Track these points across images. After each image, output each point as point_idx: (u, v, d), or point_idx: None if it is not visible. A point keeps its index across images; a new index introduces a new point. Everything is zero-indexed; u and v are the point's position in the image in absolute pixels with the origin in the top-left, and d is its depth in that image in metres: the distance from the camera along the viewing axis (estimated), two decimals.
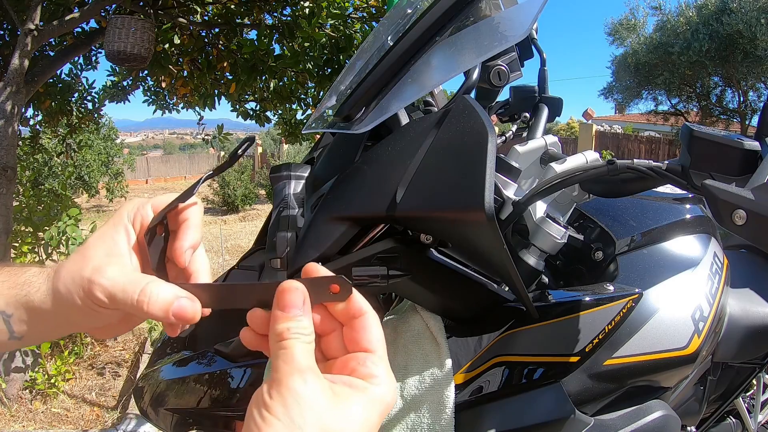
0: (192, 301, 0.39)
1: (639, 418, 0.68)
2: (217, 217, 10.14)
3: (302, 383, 0.33)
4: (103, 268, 0.39)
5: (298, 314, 0.35)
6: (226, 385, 0.69)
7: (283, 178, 0.65)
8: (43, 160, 8.63)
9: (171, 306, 0.38)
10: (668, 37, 8.44)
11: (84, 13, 2.50)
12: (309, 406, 0.32)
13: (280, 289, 0.36)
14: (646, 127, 14.03)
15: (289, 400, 0.32)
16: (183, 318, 0.38)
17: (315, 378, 0.33)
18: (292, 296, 0.35)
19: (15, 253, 2.77)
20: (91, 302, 0.38)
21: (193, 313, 0.39)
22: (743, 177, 0.56)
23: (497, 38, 0.66)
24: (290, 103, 3.34)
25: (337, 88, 0.79)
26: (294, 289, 0.36)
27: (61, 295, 0.39)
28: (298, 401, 0.32)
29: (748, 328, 0.97)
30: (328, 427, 0.32)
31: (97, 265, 0.39)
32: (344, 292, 0.37)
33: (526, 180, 0.79)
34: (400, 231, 0.60)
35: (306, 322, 0.35)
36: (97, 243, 0.41)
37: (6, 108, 2.29)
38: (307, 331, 0.35)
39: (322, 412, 0.32)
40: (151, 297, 0.38)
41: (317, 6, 2.55)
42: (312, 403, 0.32)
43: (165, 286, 0.39)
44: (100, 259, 0.39)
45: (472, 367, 0.63)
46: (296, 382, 0.33)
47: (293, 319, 0.35)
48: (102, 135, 11.45)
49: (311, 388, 0.33)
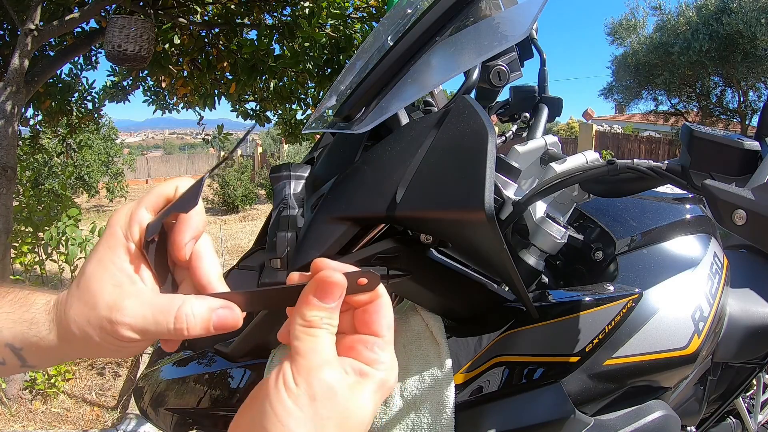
0: (230, 309, 0.37)
1: (639, 418, 0.68)
2: (217, 217, 10.14)
3: (332, 375, 0.33)
4: (120, 305, 0.36)
5: (334, 307, 0.35)
6: (226, 385, 0.69)
7: (283, 178, 0.65)
8: (43, 160, 8.63)
9: (211, 321, 0.37)
10: (668, 37, 8.44)
11: (84, 13, 2.50)
12: (335, 398, 0.33)
13: (323, 279, 0.35)
14: (646, 127, 14.03)
15: (319, 391, 0.32)
16: (226, 328, 0.37)
17: (339, 369, 0.34)
18: (334, 289, 0.35)
19: (15, 253, 2.78)
20: (117, 341, 0.36)
21: (234, 321, 0.37)
22: (743, 177, 0.56)
23: (497, 38, 0.66)
24: (290, 103, 3.35)
25: (337, 88, 0.79)
26: (338, 282, 0.35)
27: (77, 337, 0.36)
28: (328, 394, 0.32)
29: (748, 328, 0.97)
30: (347, 417, 0.33)
31: (111, 303, 0.36)
32: (371, 284, 0.37)
33: (526, 180, 0.79)
34: (400, 231, 0.60)
35: (337, 316, 0.36)
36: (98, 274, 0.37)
37: (6, 108, 2.30)
38: (336, 323, 0.36)
39: (342, 403, 0.33)
40: (188, 320, 0.36)
41: (317, 6, 2.55)
42: (338, 396, 0.33)
43: (197, 303, 0.37)
44: (110, 295, 0.36)
45: (472, 367, 0.63)
46: (327, 374, 0.33)
47: (328, 310, 0.35)
48: (102, 135, 11.46)
49: (337, 380, 0.33)
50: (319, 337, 0.34)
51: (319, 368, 0.33)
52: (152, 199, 0.40)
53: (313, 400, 0.32)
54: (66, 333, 0.37)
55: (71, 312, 0.36)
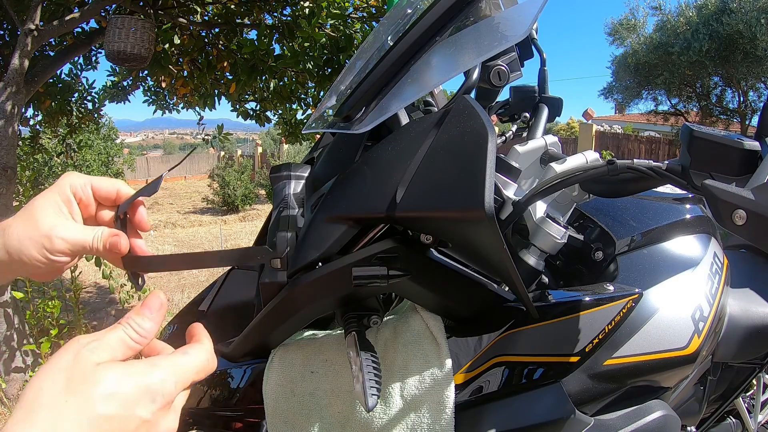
0: (119, 237, 0.53)
1: (639, 418, 0.68)
2: (217, 217, 10.14)
3: None
4: (58, 226, 0.50)
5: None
6: (226, 385, 0.69)
7: (283, 178, 0.65)
8: (43, 160, 8.61)
9: (108, 241, 0.52)
10: (668, 37, 8.45)
11: (84, 13, 2.50)
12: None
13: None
14: (646, 127, 14.03)
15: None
16: (115, 249, 0.53)
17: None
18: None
19: None
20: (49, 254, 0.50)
21: (123, 247, 0.53)
22: (743, 177, 0.56)
23: (497, 38, 0.66)
24: (290, 103, 3.34)
25: (337, 88, 0.79)
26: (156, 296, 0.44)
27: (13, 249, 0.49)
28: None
29: (748, 328, 0.97)
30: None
31: (52, 224, 0.50)
32: None
33: (526, 180, 0.79)
34: (400, 231, 0.60)
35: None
36: (44, 206, 0.51)
37: (6, 108, 2.30)
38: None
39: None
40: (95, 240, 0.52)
41: (317, 6, 2.55)
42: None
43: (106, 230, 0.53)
44: (51, 220, 0.50)
45: (472, 367, 0.63)
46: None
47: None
48: (102, 135, 11.44)
49: None
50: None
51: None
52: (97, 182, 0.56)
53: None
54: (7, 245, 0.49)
55: (15, 230, 0.49)
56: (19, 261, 0.49)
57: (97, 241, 0.52)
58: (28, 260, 0.49)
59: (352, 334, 0.57)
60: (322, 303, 0.61)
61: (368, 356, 0.54)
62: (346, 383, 0.62)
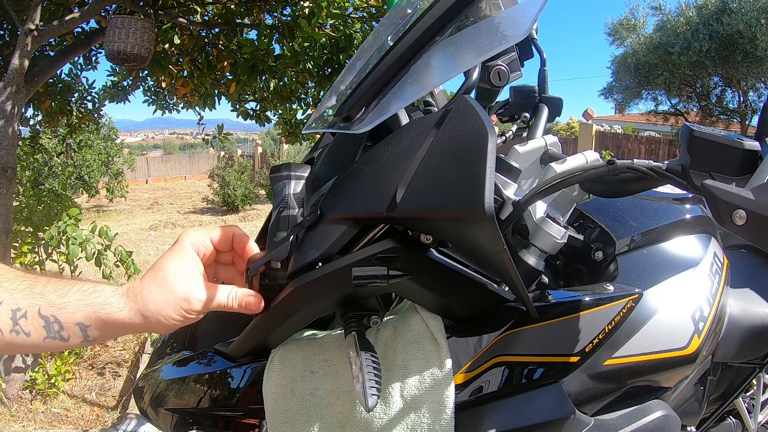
0: (255, 297, 0.59)
1: (639, 418, 0.68)
2: (217, 217, 10.14)
3: None
4: (194, 289, 0.55)
5: None
6: (226, 385, 0.69)
7: (283, 178, 0.65)
8: (43, 160, 8.63)
9: (243, 301, 0.58)
10: (668, 37, 8.44)
11: (84, 13, 2.50)
12: None
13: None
14: (646, 127, 14.03)
15: None
16: (250, 309, 0.58)
17: None
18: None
19: (15, 253, 2.77)
20: (187, 313, 0.55)
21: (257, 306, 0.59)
22: (743, 177, 0.56)
23: (497, 38, 0.66)
24: (290, 103, 3.34)
25: (337, 88, 0.79)
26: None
27: (151, 313, 0.53)
28: None
29: (748, 328, 0.97)
30: None
31: (188, 288, 0.55)
32: None
33: (526, 180, 0.79)
34: (400, 231, 0.60)
35: None
36: (175, 271, 0.55)
37: (6, 108, 2.30)
38: None
39: None
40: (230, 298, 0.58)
41: (317, 6, 2.55)
42: None
43: (240, 290, 0.58)
44: (186, 284, 0.55)
45: (472, 367, 0.63)
46: None
47: None
48: (102, 135, 11.45)
49: None
50: None
51: None
52: (217, 236, 0.60)
53: None
54: (144, 312, 0.53)
55: (151, 296, 0.54)
56: (156, 322, 0.54)
57: (232, 300, 0.57)
58: (166, 320, 0.54)
59: (352, 334, 0.58)
60: (322, 303, 0.61)
61: (368, 356, 0.54)
62: (346, 383, 0.62)
